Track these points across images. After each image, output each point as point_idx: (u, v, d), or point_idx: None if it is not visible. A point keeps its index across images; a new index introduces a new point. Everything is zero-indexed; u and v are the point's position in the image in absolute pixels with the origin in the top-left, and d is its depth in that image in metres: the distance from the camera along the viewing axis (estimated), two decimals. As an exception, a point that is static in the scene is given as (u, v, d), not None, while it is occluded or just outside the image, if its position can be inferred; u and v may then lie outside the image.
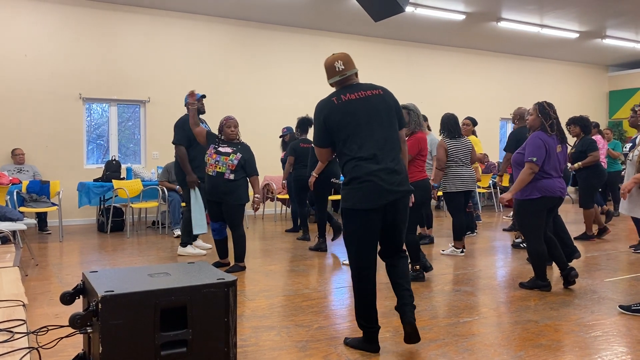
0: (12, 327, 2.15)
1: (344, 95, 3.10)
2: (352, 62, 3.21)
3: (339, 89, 3.17)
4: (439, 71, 12.07)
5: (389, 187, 2.99)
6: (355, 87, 3.15)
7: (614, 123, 14.32)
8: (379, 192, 2.98)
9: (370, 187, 2.98)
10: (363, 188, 2.99)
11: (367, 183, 2.99)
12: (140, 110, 9.26)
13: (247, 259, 5.80)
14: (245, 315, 3.83)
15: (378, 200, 2.99)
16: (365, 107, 3.08)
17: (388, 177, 3.00)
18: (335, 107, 3.09)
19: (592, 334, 3.42)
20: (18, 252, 4.14)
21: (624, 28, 10.83)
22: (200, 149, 5.93)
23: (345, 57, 3.20)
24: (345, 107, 3.08)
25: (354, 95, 3.11)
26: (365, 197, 2.99)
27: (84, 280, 2.44)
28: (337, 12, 9.45)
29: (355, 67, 3.22)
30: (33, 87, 8.30)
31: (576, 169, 6.84)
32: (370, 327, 3.10)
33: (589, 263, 5.62)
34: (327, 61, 3.21)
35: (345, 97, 3.10)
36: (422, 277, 4.81)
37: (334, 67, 3.18)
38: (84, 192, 7.61)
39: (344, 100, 3.09)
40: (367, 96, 3.11)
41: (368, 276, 3.09)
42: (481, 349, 3.17)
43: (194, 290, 2.28)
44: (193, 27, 9.45)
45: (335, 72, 3.18)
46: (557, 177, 4.39)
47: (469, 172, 5.95)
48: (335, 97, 3.11)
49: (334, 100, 3.11)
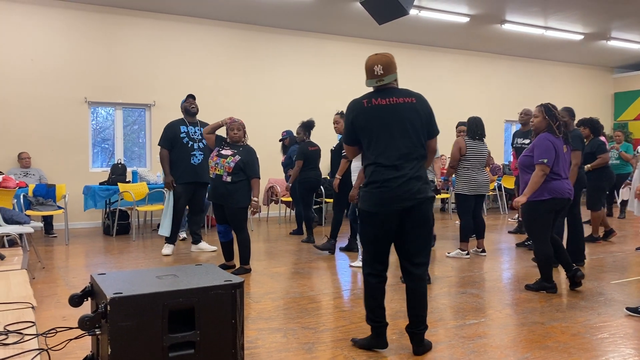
0: (22, 329, 2.16)
1: (374, 99, 3.08)
2: (393, 66, 3.10)
3: (373, 92, 3.15)
4: (443, 73, 12.07)
5: (405, 194, 2.99)
6: (389, 92, 3.09)
7: (619, 125, 14.27)
8: (394, 198, 2.99)
9: (386, 192, 3.00)
10: (379, 193, 3.02)
11: (383, 189, 3.01)
12: (145, 114, 9.30)
13: (252, 261, 5.81)
14: (251, 317, 3.83)
15: (393, 205, 2.99)
16: (393, 114, 3.04)
17: (405, 184, 3.00)
18: (363, 109, 3.09)
19: (599, 336, 3.41)
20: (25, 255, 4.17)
21: (628, 29, 10.81)
22: (180, 153, 6.11)
23: (387, 61, 3.09)
24: (372, 111, 3.07)
25: (384, 100, 3.07)
26: (380, 201, 3.01)
27: (92, 283, 2.45)
28: (341, 16, 9.47)
29: (395, 72, 3.12)
30: (39, 91, 8.35)
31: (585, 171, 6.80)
32: (378, 322, 3.15)
33: (595, 265, 5.61)
34: (368, 61, 3.12)
35: (375, 101, 3.08)
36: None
37: (372, 70, 3.10)
38: (89, 195, 7.64)
39: (373, 104, 3.07)
40: (397, 103, 3.06)
41: (378, 276, 3.15)
42: (488, 350, 3.16)
43: (201, 292, 2.29)
44: (198, 31, 9.49)
45: (374, 75, 3.11)
46: (565, 179, 4.39)
47: (484, 176, 5.99)
48: (366, 100, 3.10)
49: (364, 102, 3.10)
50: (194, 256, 6.17)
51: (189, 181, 6.13)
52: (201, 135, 6.20)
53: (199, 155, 6.17)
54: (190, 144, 6.14)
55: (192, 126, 6.23)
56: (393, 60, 3.11)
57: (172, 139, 6.12)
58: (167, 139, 6.14)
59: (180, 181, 6.14)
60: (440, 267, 5.52)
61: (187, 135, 6.16)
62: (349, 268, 5.51)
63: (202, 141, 6.22)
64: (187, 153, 6.11)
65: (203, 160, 6.19)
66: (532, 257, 5.82)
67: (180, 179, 6.13)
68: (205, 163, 6.19)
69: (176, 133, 6.13)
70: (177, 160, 6.14)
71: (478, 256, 6.08)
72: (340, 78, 10.78)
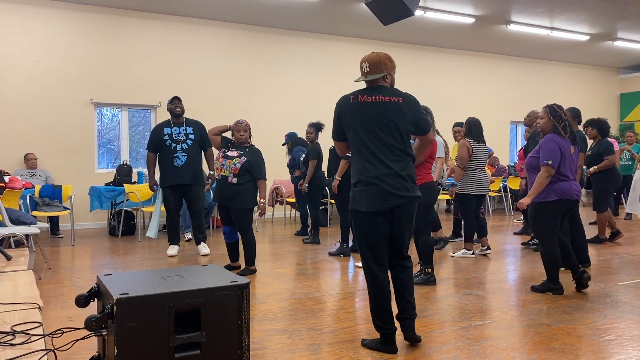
0: (29, 329, 2.17)
1: (361, 96, 3.10)
2: (381, 65, 3.13)
3: (362, 89, 3.17)
4: (448, 74, 12.05)
5: (395, 191, 3.01)
6: (376, 90, 3.11)
7: (625, 125, 14.20)
8: (384, 196, 3.01)
9: (376, 190, 3.01)
10: (369, 191, 3.02)
11: (372, 186, 3.02)
12: (150, 115, 9.33)
13: (257, 262, 5.82)
14: (257, 318, 3.84)
15: (383, 203, 3.01)
16: (378, 112, 3.06)
17: (394, 181, 3.02)
18: (349, 105, 3.11)
19: (606, 338, 3.40)
20: (31, 256, 4.18)
21: (634, 30, 10.76)
22: (164, 155, 6.09)
23: (375, 59, 3.14)
24: (357, 108, 3.09)
25: (371, 98, 3.08)
26: (371, 199, 3.02)
27: (99, 283, 2.46)
28: (346, 16, 9.47)
29: (383, 72, 3.14)
30: (45, 92, 8.39)
31: (592, 173, 6.76)
32: (386, 328, 3.12)
33: (601, 266, 5.58)
34: (361, 59, 3.22)
35: (362, 98, 3.10)
36: (433, 281, 4.79)
37: (361, 67, 3.20)
38: (95, 196, 7.67)
39: (359, 101, 3.09)
40: (383, 101, 3.07)
41: (380, 278, 3.10)
42: (493, 352, 3.15)
43: (207, 293, 2.29)
44: (203, 32, 9.52)
45: (361, 72, 3.21)
46: (572, 180, 4.37)
47: (486, 177, 6.09)
48: (353, 96, 3.13)
49: (351, 98, 3.13)
50: (200, 257, 6.18)
51: (172, 184, 6.04)
52: (185, 135, 6.11)
53: (182, 157, 6.04)
54: (173, 146, 6.06)
55: (177, 127, 6.14)
56: (384, 59, 3.14)
57: (156, 141, 6.12)
58: (152, 141, 6.17)
59: (164, 184, 6.11)
60: (445, 268, 5.51)
61: (170, 137, 6.09)
62: (353, 269, 5.50)
63: (187, 142, 6.09)
64: (170, 155, 6.05)
65: (187, 161, 6.05)
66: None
67: (164, 181, 6.10)
68: (190, 164, 6.05)
69: (159, 135, 6.11)
70: (162, 162, 6.13)
71: (484, 257, 6.06)
72: (344, 79, 10.78)
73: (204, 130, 6.24)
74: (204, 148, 6.24)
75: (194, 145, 6.12)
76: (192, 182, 6.06)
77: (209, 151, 6.26)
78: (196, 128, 6.20)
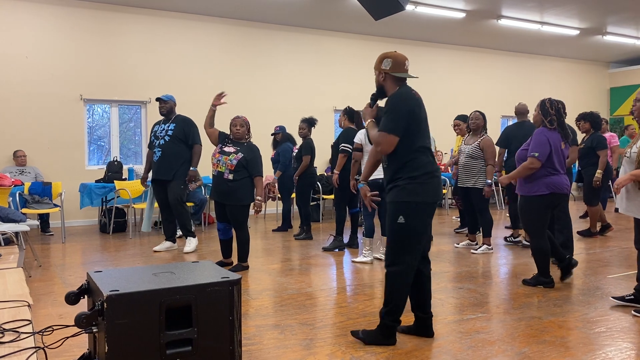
0: (18, 327, 2.15)
1: (415, 92, 3.16)
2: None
3: (404, 84, 3.20)
4: (439, 69, 12.06)
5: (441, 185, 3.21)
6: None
7: (615, 120, 14.30)
8: (440, 189, 3.15)
9: (438, 182, 3.13)
10: (433, 182, 3.10)
11: (436, 179, 3.12)
12: (141, 111, 9.27)
13: (250, 258, 5.81)
14: (249, 314, 3.83)
15: (440, 195, 3.14)
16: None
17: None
18: (418, 101, 3.13)
19: (596, 330, 3.42)
20: (21, 253, 4.15)
21: (624, 24, 10.82)
22: (151, 153, 6.34)
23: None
24: (421, 103, 3.17)
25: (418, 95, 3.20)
26: (434, 190, 3.10)
27: (89, 280, 2.44)
28: (338, 11, 9.44)
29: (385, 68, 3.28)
30: (34, 88, 8.31)
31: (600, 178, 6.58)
32: (399, 321, 3.17)
33: (592, 259, 5.62)
34: (397, 55, 3.19)
35: (417, 95, 3.17)
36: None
37: (403, 64, 3.20)
38: (85, 193, 7.61)
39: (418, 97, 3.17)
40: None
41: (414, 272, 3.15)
42: (485, 345, 3.17)
43: (198, 289, 2.28)
44: (194, 27, 9.46)
45: (404, 69, 3.20)
46: (563, 174, 4.41)
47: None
48: (414, 91, 3.16)
49: (415, 94, 3.15)
50: (189, 254, 6.15)
51: (153, 178, 6.28)
52: (165, 132, 6.14)
53: (157, 153, 6.15)
54: (156, 142, 6.22)
55: (163, 124, 6.27)
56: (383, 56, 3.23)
57: (150, 138, 6.41)
58: (149, 139, 6.46)
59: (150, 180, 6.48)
60: (437, 262, 5.53)
61: (154, 134, 6.30)
62: (346, 264, 5.51)
63: (165, 138, 6.12)
64: (152, 151, 6.32)
65: (161, 156, 6.10)
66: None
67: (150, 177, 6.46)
68: (164, 159, 6.09)
69: (151, 132, 6.40)
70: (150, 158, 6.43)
71: (470, 250, 6.07)
72: (337, 74, 10.76)
73: (189, 126, 6.18)
74: (187, 144, 6.21)
75: (171, 141, 6.11)
76: (164, 177, 6.12)
77: (194, 147, 6.22)
78: (180, 124, 6.17)
